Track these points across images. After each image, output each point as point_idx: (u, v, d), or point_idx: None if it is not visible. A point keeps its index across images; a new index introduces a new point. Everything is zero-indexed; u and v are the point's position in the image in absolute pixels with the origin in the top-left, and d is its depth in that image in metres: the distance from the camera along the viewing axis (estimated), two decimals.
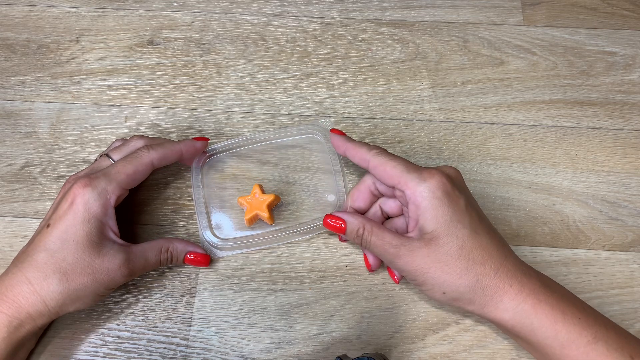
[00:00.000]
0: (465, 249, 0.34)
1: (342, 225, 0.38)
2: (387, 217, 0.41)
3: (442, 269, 0.34)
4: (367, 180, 0.40)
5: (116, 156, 0.40)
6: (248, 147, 0.46)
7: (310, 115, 0.49)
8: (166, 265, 0.41)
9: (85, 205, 0.36)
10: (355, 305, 0.40)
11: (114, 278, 0.36)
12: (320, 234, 0.43)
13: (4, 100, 0.50)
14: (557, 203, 0.45)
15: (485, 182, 0.46)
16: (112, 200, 0.37)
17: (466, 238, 0.34)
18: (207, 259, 0.41)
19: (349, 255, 0.42)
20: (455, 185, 0.36)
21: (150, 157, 0.39)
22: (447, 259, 0.34)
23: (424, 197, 0.35)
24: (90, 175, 0.37)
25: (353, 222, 0.38)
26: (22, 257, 0.36)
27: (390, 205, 0.40)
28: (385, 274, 0.41)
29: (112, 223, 0.37)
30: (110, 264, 0.36)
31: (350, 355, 0.34)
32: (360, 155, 0.39)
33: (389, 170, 0.37)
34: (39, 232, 0.37)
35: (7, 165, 0.47)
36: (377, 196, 0.41)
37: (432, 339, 0.39)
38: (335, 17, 0.55)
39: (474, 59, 0.52)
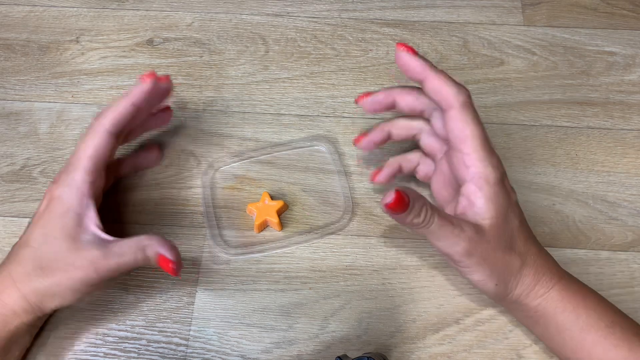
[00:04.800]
0: (514, 239, 0.35)
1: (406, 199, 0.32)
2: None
3: (493, 258, 0.35)
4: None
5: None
6: (258, 157, 0.46)
7: (310, 115, 0.49)
8: (145, 266, 0.38)
9: (59, 200, 0.36)
10: (355, 305, 0.40)
11: (87, 274, 0.34)
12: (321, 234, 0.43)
13: (4, 100, 0.50)
14: (557, 203, 0.45)
15: None
16: (85, 188, 0.36)
17: (516, 229, 0.36)
18: (174, 270, 0.36)
19: (349, 255, 0.42)
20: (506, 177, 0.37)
21: (101, 124, 0.36)
22: (497, 248, 0.35)
23: (490, 184, 0.35)
24: (61, 170, 0.37)
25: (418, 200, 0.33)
26: (9, 254, 0.36)
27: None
28: (386, 274, 0.41)
29: (91, 214, 0.36)
30: (84, 260, 0.34)
31: (350, 355, 0.34)
32: (442, 97, 0.35)
33: (463, 141, 0.36)
34: (24, 231, 0.37)
35: (7, 165, 0.47)
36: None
37: (432, 339, 0.39)
38: (335, 17, 0.55)
39: (474, 59, 0.52)
